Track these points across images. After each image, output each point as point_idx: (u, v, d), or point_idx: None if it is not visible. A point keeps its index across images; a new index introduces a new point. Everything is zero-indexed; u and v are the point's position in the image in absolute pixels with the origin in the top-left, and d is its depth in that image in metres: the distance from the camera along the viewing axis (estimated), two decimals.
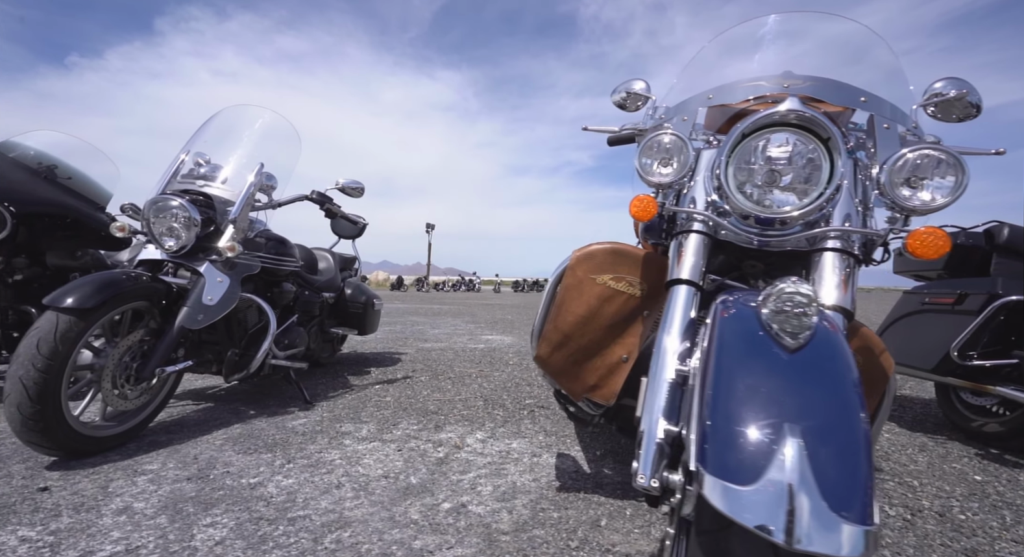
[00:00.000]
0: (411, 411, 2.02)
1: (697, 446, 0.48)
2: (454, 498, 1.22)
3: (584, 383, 1.07)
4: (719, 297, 0.70)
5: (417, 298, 15.23)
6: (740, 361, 0.54)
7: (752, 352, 0.54)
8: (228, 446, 1.56)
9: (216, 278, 1.71)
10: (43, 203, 2.12)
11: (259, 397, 2.19)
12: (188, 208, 1.67)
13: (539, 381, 2.69)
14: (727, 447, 0.46)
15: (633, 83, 1.23)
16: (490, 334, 5.05)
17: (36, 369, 1.26)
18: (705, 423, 0.49)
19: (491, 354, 3.64)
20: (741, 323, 0.59)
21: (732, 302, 0.65)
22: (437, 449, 1.58)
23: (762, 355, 0.54)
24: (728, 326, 0.60)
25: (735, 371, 0.53)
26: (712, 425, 0.48)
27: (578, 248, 1.10)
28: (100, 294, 1.39)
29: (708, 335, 0.62)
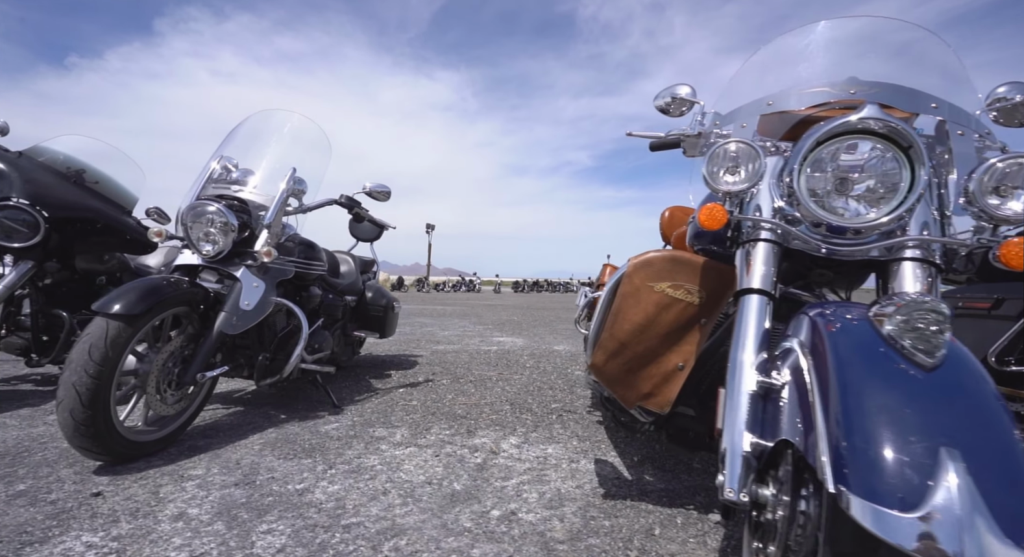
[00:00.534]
0: (440, 415, 2.03)
1: (832, 467, 0.48)
2: (502, 505, 1.23)
3: (638, 391, 1.08)
4: (809, 309, 0.71)
5: (419, 299, 15.25)
6: (867, 378, 0.53)
7: (881, 369, 0.54)
8: (267, 451, 1.57)
9: (252, 283, 1.72)
10: (73, 208, 2.13)
11: (287, 401, 2.20)
12: (225, 213, 1.68)
13: (560, 384, 2.70)
14: (875, 470, 0.47)
15: (678, 88, 1.23)
16: (500, 336, 5.06)
17: (88, 375, 1.27)
18: (840, 443, 0.49)
19: (506, 357, 3.65)
20: (857, 338, 0.59)
21: (834, 315, 0.65)
22: (474, 455, 1.59)
23: (894, 373, 0.54)
24: (842, 340, 0.60)
25: (864, 389, 0.53)
26: (850, 446, 0.49)
27: (635, 256, 1.11)
28: (146, 300, 1.40)
29: (811, 348, 0.62)
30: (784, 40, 1.14)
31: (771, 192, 0.90)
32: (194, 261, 1.72)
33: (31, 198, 2.01)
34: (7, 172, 2.02)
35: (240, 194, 1.82)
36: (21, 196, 1.99)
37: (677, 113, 1.26)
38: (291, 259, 1.95)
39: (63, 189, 2.15)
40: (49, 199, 2.06)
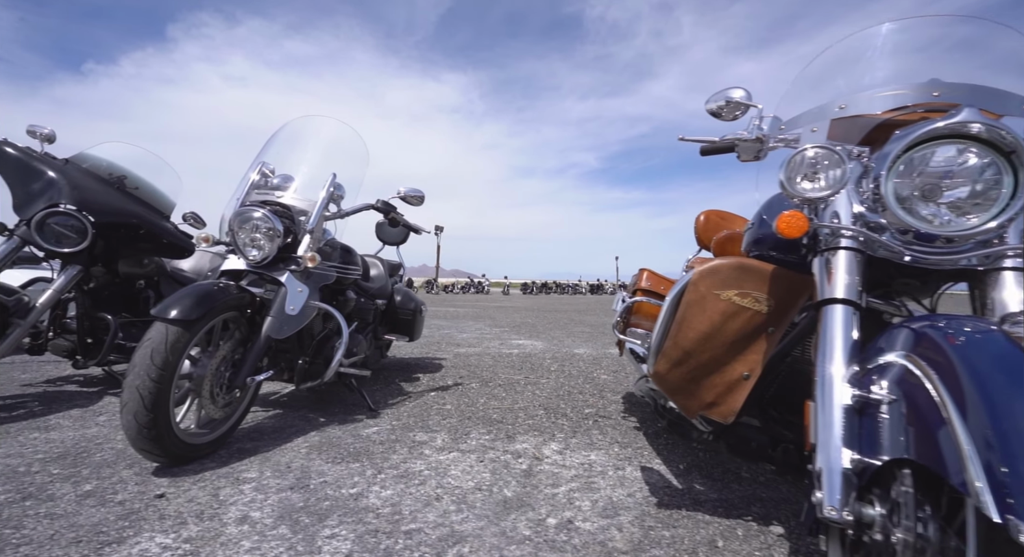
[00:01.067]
0: (476, 420, 2.04)
1: (994, 494, 0.47)
2: (557, 513, 1.24)
3: (701, 400, 1.08)
4: (911, 322, 0.70)
5: (430, 301, 15.32)
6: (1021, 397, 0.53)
7: None
8: (314, 455, 1.59)
9: (296, 288, 1.75)
10: (117, 213, 2.18)
11: (323, 404, 2.22)
12: (271, 219, 1.70)
13: (588, 389, 2.70)
14: None
15: (732, 92, 1.22)
16: (519, 339, 5.07)
17: (151, 379, 1.30)
18: (998, 468, 0.48)
19: (529, 360, 3.66)
20: (995, 353, 0.57)
21: (952, 328, 0.63)
22: (518, 460, 1.60)
23: None
24: (976, 356, 0.58)
25: (1020, 412, 0.51)
26: (1014, 472, 0.47)
27: (700, 263, 1.10)
28: (201, 306, 1.43)
29: (932, 363, 0.60)
30: (846, 44, 1.13)
31: (849, 198, 0.89)
32: (240, 266, 1.75)
33: (78, 204, 2.06)
34: (56, 179, 2.07)
35: (283, 200, 1.85)
36: (69, 202, 2.04)
37: (730, 117, 1.26)
38: (331, 264, 1.97)
39: (107, 195, 2.20)
40: (95, 205, 2.11)
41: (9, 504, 1.18)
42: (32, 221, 1.98)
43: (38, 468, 1.40)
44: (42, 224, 1.99)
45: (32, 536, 1.05)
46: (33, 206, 2.01)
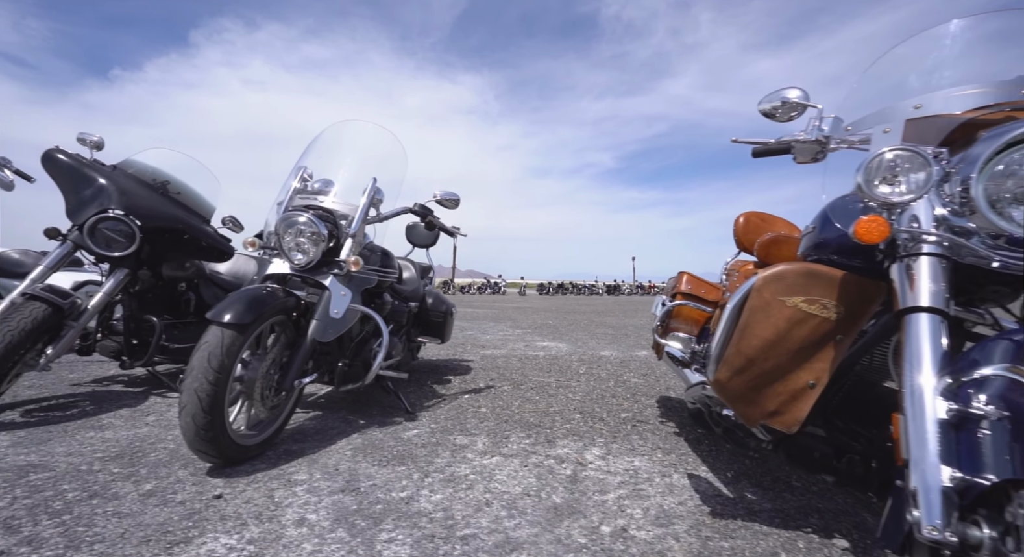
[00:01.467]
0: (513, 424, 2.04)
1: None
2: (610, 521, 1.23)
3: (763, 409, 1.05)
4: (1012, 335, 0.68)
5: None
6: None
7: None
8: (359, 457, 1.60)
9: (340, 292, 1.77)
10: (162, 218, 2.24)
11: (360, 405, 2.25)
12: (316, 224, 1.73)
13: (621, 392, 2.68)
14: None
15: (788, 92, 1.20)
16: (542, 340, 5.05)
17: (208, 382, 1.33)
18: None
19: (556, 363, 3.64)
20: None
21: None
22: (561, 466, 1.59)
23: None
24: None
25: None
26: None
27: (741, 266, 1.08)
28: (254, 309, 1.46)
29: None
30: (913, 43, 1.09)
31: (930, 201, 0.86)
32: (284, 270, 1.78)
33: (126, 209, 2.12)
34: (105, 185, 2.14)
35: (325, 204, 1.87)
36: (118, 208, 2.10)
37: (785, 118, 1.23)
38: (371, 267, 1.99)
39: (153, 200, 2.26)
40: (142, 210, 2.17)
41: (78, 502, 1.22)
42: (84, 226, 2.05)
43: (99, 467, 1.45)
44: (93, 229, 2.06)
45: (104, 534, 1.08)
46: (85, 212, 2.08)
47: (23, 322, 1.76)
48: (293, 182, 1.94)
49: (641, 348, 4.60)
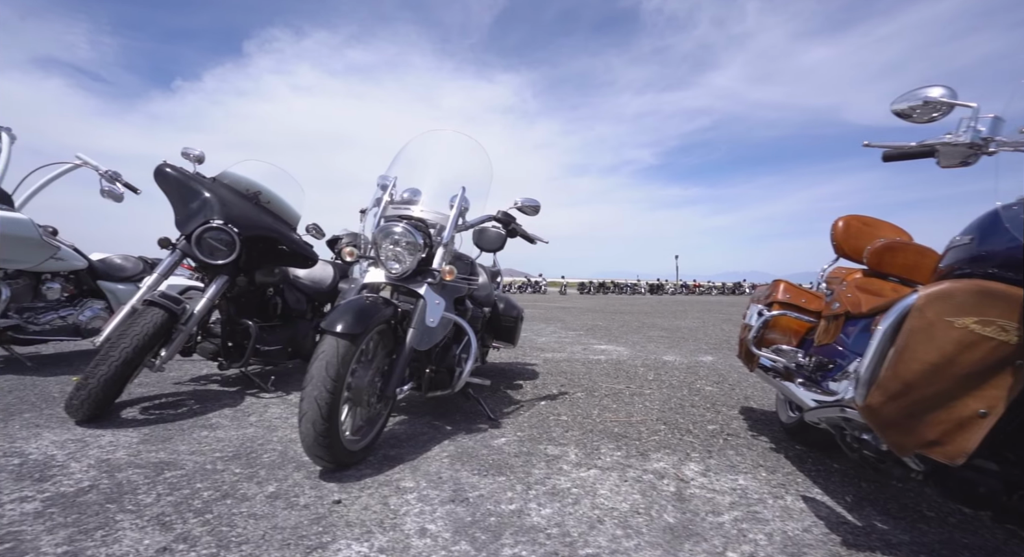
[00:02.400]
0: (598, 434, 2.01)
1: None
2: (734, 546, 1.17)
3: (920, 438, 0.97)
4: None
5: None
6: None
7: None
8: (457, 465, 1.62)
9: (435, 301, 1.80)
10: (258, 227, 2.35)
11: (442, 411, 2.28)
12: (413, 234, 1.76)
13: (698, 402, 2.59)
14: None
15: (929, 90, 1.10)
16: (599, 343, 4.98)
17: (327, 390, 1.38)
18: None
19: (621, 368, 3.57)
20: None
21: None
22: (662, 482, 1.55)
23: None
24: None
25: None
26: None
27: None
28: (364, 320, 1.50)
29: None
30: None
31: None
32: (380, 279, 1.82)
33: (226, 219, 2.25)
34: (208, 197, 2.27)
35: (417, 213, 1.91)
36: (219, 218, 2.23)
37: (925, 119, 1.13)
38: (461, 276, 2.01)
39: (249, 210, 2.38)
40: (240, 220, 2.29)
41: (214, 501, 1.30)
42: (192, 236, 2.19)
43: (222, 466, 1.54)
44: (199, 238, 2.20)
45: (247, 535, 1.14)
46: (191, 222, 2.22)
47: (147, 327, 1.90)
48: (385, 194, 1.98)
49: (704, 353, 4.45)
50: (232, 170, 2.53)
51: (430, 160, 2.12)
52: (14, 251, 2.51)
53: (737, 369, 3.63)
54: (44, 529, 1.14)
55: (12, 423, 1.87)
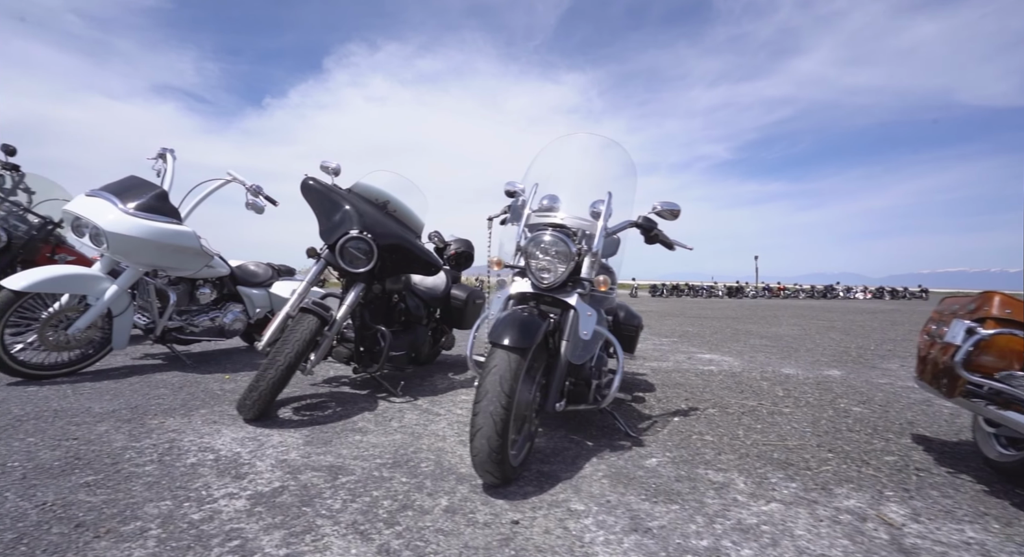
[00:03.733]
0: (756, 458, 1.82)
1: None
2: None
3: None
4: None
5: None
6: None
7: None
8: (620, 487, 1.53)
9: (587, 312, 1.72)
10: (392, 236, 2.43)
11: (574, 425, 2.20)
12: (565, 242, 1.70)
13: (851, 424, 2.29)
14: None
15: None
16: (701, 352, 4.68)
17: (501, 406, 1.35)
18: None
19: (741, 381, 3.30)
20: None
21: None
22: (866, 525, 1.35)
23: None
24: None
25: None
26: None
27: None
28: (531, 333, 1.46)
29: None
30: None
31: None
32: (526, 289, 1.78)
33: (364, 229, 2.33)
34: (348, 209, 2.37)
35: (559, 220, 1.84)
36: (359, 228, 2.32)
37: None
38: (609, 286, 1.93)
39: (382, 219, 2.46)
40: (376, 229, 2.37)
41: (397, 512, 1.31)
42: (336, 246, 2.29)
43: (388, 474, 1.57)
44: (343, 248, 2.30)
45: (445, 553, 1.12)
46: (334, 233, 2.33)
47: (304, 333, 2.01)
48: (518, 199, 1.95)
49: (826, 366, 4.01)
50: (364, 181, 2.64)
51: (566, 165, 2.06)
52: (182, 260, 2.80)
53: (879, 387, 3.22)
54: (260, 528, 1.20)
55: (194, 418, 2.05)
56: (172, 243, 2.67)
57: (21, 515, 1.22)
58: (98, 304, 2.59)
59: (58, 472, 1.48)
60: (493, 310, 1.78)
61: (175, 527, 1.20)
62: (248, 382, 2.05)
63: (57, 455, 1.61)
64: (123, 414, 2.06)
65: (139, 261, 2.67)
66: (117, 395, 2.34)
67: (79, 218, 2.55)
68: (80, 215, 2.54)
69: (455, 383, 2.95)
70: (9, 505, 1.27)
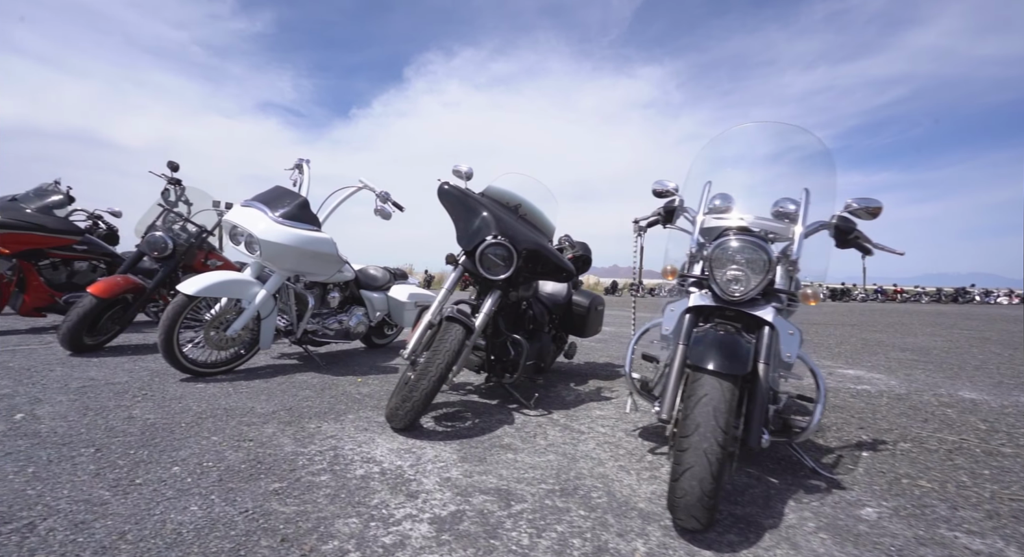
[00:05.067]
0: (1010, 518, 1.45)
1: None
2: None
3: None
4: None
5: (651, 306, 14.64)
6: None
7: None
8: (848, 548, 1.26)
9: (788, 330, 1.46)
10: (529, 241, 2.31)
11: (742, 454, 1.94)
12: (761, 248, 1.45)
13: None
14: None
15: None
16: (841, 367, 4.10)
17: (718, 443, 1.16)
18: None
19: (912, 405, 2.78)
20: None
21: None
22: None
23: None
24: None
25: None
26: None
27: None
28: (743, 357, 1.25)
29: None
30: None
31: None
32: (707, 302, 1.56)
33: (502, 234, 2.24)
34: (486, 215, 2.30)
35: (747, 224, 1.60)
36: (497, 233, 2.23)
37: None
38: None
39: (518, 224, 2.36)
40: (514, 234, 2.27)
41: (598, 553, 1.17)
42: (476, 252, 2.22)
43: (561, 503, 1.43)
44: (482, 254, 2.23)
45: None
46: (473, 239, 2.26)
47: (453, 343, 1.96)
48: (703, 198, 1.71)
49: (1015, 389, 3.30)
50: (495, 184, 2.56)
51: (740, 159, 1.80)
52: (321, 266, 2.92)
53: None
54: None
55: (345, 424, 2.08)
56: (314, 250, 2.78)
57: (231, 522, 1.24)
58: (251, 307, 2.76)
59: (247, 476, 1.52)
60: (668, 325, 1.58)
61: (371, 551, 1.15)
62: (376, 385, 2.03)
63: (240, 457, 1.67)
64: (283, 416, 2.14)
65: (285, 267, 2.81)
66: (271, 395, 2.46)
67: (236, 227, 2.74)
68: (237, 223, 2.72)
69: (581, 395, 2.79)
70: (218, 510, 1.30)
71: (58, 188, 4.02)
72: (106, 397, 2.28)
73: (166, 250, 3.49)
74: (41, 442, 1.71)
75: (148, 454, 1.66)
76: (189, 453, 1.68)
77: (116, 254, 4.34)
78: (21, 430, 1.82)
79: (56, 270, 4.08)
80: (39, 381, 2.50)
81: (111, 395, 2.32)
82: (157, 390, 2.44)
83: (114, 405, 2.18)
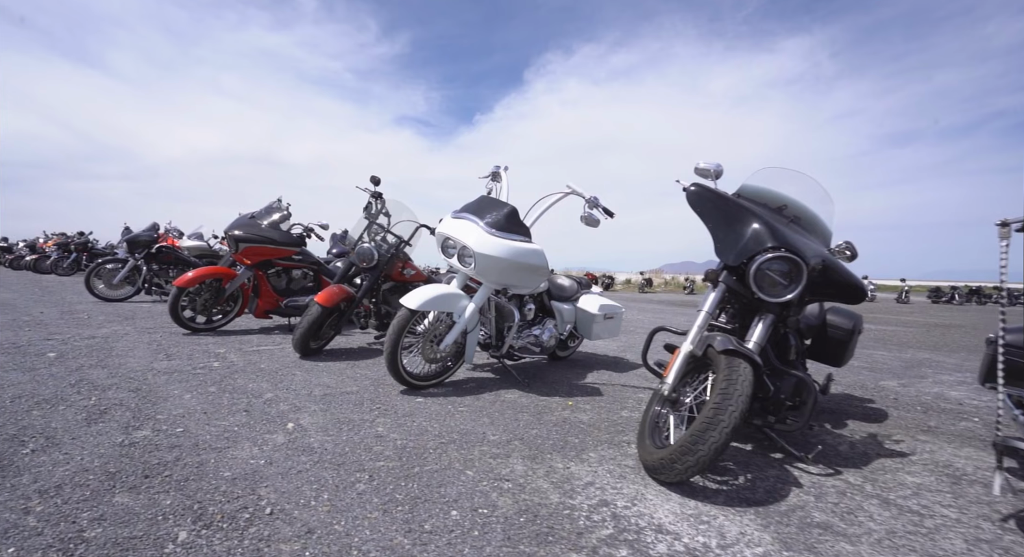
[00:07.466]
0: None
1: None
2: None
3: None
4: None
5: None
6: None
7: None
8: None
9: None
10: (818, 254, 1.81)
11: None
12: None
13: None
14: None
15: None
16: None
17: None
18: None
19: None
20: None
21: None
22: None
23: None
24: None
25: None
26: None
27: None
28: None
29: None
30: None
31: None
32: None
33: (784, 246, 1.77)
34: (756, 224, 1.85)
35: None
36: (779, 244, 1.77)
37: None
38: None
39: (797, 233, 1.87)
40: (797, 244, 1.79)
41: None
42: (751, 268, 1.79)
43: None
44: (758, 270, 1.79)
45: None
46: (743, 251, 1.83)
47: (745, 386, 1.55)
48: None
49: None
50: (751, 182, 2.09)
51: None
52: (530, 278, 2.76)
53: None
54: None
55: (594, 465, 1.82)
56: (527, 262, 2.62)
57: None
58: (461, 321, 2.70)
59: (534, 537, 1.31)
60: None
61: None
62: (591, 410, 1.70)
63: (510, 504, 1.49)
64: (520, 448, 1.96)
65: (495, 279, 2.70)
66: (493, 419, 2.33)
67: (449, 238, 2.70)
68: (450, 235, 2.67)
69: (855, 444, 2.17)
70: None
71: (281, 205, 4.58)
72: (348, 409, 2.37)
73: (373, 260, 3.69)
74: (320, 461, 1.74)
75: (418, 489, 1.56)
76: (456, 493, 1.55)
77: (321, 263, 4.83)
78: (297, 444, 1.89)
79: (279, 278, 4.67)
80: (289, 385, 2.73)
81: (351, 406, 2.40)
82: (386, 403, 2.48)
83: (358, 418, 2.22)
